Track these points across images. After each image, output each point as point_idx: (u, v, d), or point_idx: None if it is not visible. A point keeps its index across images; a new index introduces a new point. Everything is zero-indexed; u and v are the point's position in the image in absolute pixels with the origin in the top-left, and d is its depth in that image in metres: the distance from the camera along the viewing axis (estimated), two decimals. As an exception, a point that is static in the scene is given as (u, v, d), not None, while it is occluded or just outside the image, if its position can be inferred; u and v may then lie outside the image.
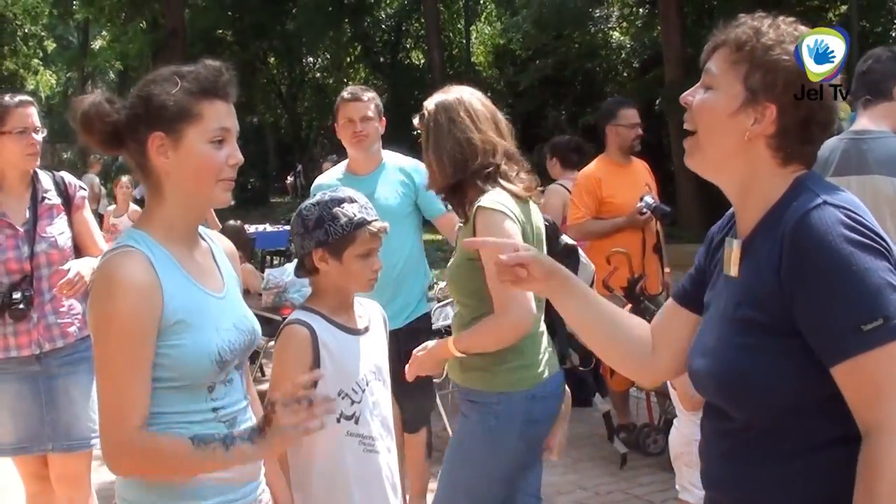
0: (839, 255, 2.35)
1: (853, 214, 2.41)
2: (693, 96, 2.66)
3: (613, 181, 8.12)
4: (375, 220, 3.77)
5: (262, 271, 10.79)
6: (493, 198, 4.12)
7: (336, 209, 3.72)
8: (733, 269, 2.62)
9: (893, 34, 26.16)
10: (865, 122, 4.94)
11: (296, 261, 3.99)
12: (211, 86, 2.99)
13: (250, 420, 3.18)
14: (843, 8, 26.80)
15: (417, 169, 6.31)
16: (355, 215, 3.72)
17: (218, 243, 3.29)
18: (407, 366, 4.43)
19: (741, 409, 2.55)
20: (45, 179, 5.60)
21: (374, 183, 6.32)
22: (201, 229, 3.22)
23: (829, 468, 2.42)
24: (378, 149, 6.56)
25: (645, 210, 7.92)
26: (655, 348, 2.95)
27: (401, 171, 6.53)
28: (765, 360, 2.47)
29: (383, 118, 6.64)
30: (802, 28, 2.61)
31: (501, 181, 4.25)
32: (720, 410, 2.64)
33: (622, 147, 8.28)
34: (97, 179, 22.67)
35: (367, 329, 3.92)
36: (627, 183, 8.20)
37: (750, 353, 2.50)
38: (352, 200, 3.76)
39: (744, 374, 2.50)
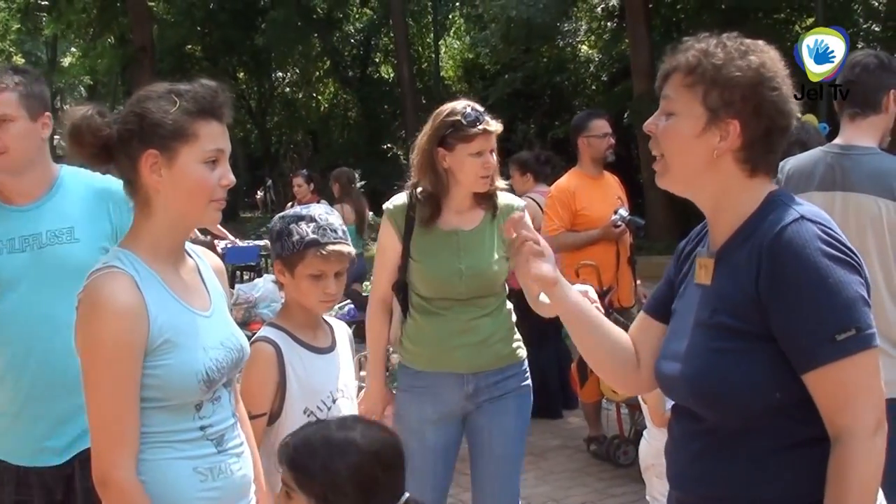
0: (816, 268, 2.48)
1: (828, 230, 2.55)
2: (656, 124, 2.74)
3: (587, 194, 8.15)
4: (332, 242, 3.77)
5: (233, 287, 10.79)
6: None
7: (293, 225, 3.77)
8: (706, 278, 2.72)
9: (860, 46, 26.30)
10: (851, 135, 4.78)
11: (266, 276, 4.04)
12: (208, 106, 3.00)
13: (238, 437, 3.18)
14: (810, 21, 26.95)
15: (111, 189, 3.95)
16: (307, 235, 3.75)
17: (205, 259, 3.28)
18: None
19: (714, 411, 2.65)
20: None
21: (35, 218, 3.96)
22: (188, 246, 3.22)
23: (798, 468, 2.53)
24: (44, 164, 4.06)
25: (619, 223, 7.97)
26: (641, 361, 2.99)
27: (90, 195, 4.07)
28: (738, 364, 2.58)
29: (48, 112, 4.03)
30: (748, 41, 2.69)
31: None
32: (690, 412, 2.72)
33: (595, 158, 8.29)
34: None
35: (332, 347, 3.94)
36: (601, 195, 8.23)
37: (724, 357, 2.60)
38: (311, 220, 3.78)
39: (718, 377, 2.60)
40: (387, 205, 4.94)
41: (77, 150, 2.99)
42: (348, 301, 9.86)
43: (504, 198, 4.93)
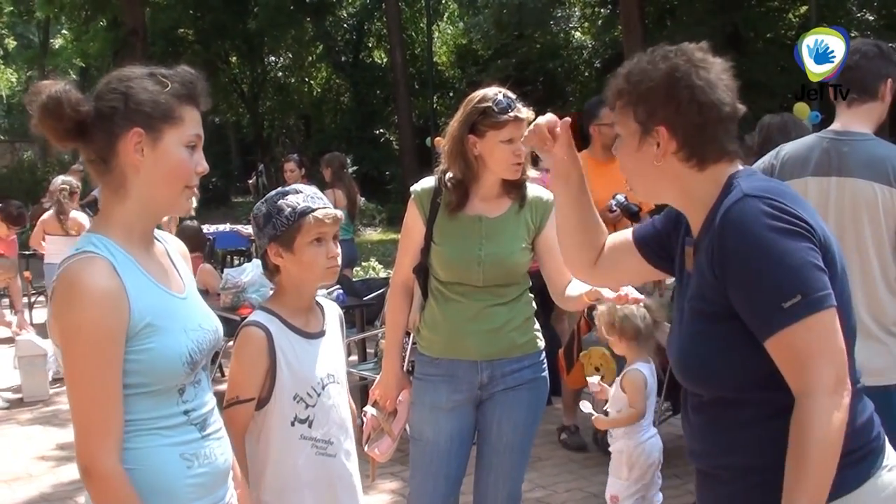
0: (758, 242, 2.64)
1: (773, 202, 2.70)
2: (615, 148, 3.01)
3: (591, 177, 8.08)
4: (321, 207, 3.79)
5: (223, 271, 10.77)
6: None
7: (280, 201, 3.78)
8: (688, 266, 2.92)
9: (853, 35, 26.29)
10: (848, 121, 4.77)
11: (255, 261, 4.01)
12: (193, 91, 3.00)
13: (218, 422, 3.17)
14: (804, 9, 26.96)
15: None
16: (298, 204, 3.76)
17: (171, 243, 3.25)
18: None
19: (704, 388, 2.86)
20: None
21: None
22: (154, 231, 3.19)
23: (785, 433, 2.61)
24: None
25: (615, 208, 7.97)
26: (601, 259, 3.32)
27: None
28: (715, 344, 2.79)
29: None
30: (669, 49, 2.88)
31: None
32: (692, 391, 2.92)
33: (606, 145, 8.34)
34: (60, 180, 22.51)
35: (323, 332, 3.93)
36: (606, 180, 8.21)
37: (702, 338, 2.83)
38: (297, 192, 3.82)
39: (697, 359, 2.84)
40: (414, 187, 4.91)
41: (52, 124, 2.88)
42: (338, 287, 9.84)
43: (534, 189, 4.88)
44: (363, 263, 16.51)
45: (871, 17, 27.87)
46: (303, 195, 3.81)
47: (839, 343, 2.64)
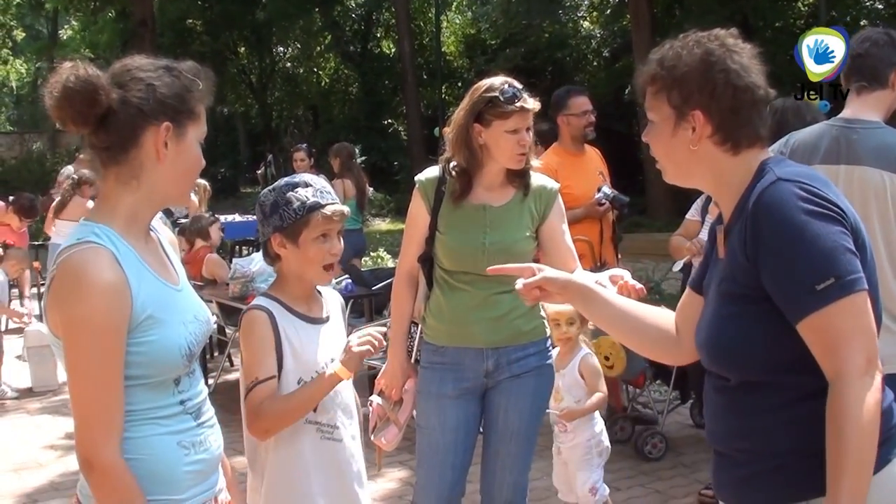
0: (792, 224, 2.68)
1: (806, 186, 2.74)
2: (646, 134, 3.03)
3: (570, 171, 8.03)
4: (330, 203, 3.79)
5: (231, 261, 10.78)
6: None
7: (290, 193, 3.77)
8: (720, 252, 2.98)
9: (863, 24, 26.23)
10: (857, 109, 4.74)
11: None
12: (209, 90, 3.04)
13: (210, 410, 3.18)
14: (813, -2, 26.92)
15: None
16: (308, 199, 3.75)
17: (162, 233, 3.25)
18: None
19: (732, 371, 2.89)
20: None
21: None
22: None
23: (812, 417, 2.67)
24: None
25: (604, 201, 7.93)
26: (679, 332, 3.24)
27: None
28: (746, 326, 2.81)
29: None
30: (700, 35, 2.94)
31: None
32: (716, 374, 2.97)
33: (575, 136, 8.28)
34: (71, 169, 22.57)
35: (327, 318, 3.93)
36: (583, 172, 8.17)
37: (732, 321, 2.85)
38: (306, 185, 3.80)
39: (729, 340, 2.86)
40: (419, 177, 4.93)
41: (81, 108, 2.85)
42: (346, 276, 9.85)
43: (537, 178, 4.90)
44: (372, 253, 16.52)
45: (880, 6, 27.80)
46: (312, 189, 3.79)
47: (870, 325, 2.69)
